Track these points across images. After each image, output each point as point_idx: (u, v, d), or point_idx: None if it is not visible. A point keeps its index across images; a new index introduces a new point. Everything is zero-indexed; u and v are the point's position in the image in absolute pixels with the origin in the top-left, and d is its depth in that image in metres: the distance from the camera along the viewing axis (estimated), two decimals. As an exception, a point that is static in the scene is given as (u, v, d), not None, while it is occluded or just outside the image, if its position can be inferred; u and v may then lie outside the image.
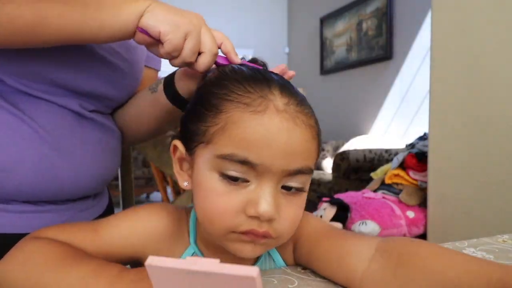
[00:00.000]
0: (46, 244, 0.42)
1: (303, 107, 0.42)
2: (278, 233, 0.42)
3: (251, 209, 0.39)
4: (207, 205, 0.41)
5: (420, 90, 2.89)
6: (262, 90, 0.41)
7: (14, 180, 0.53)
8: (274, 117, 0.39)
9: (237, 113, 0.40)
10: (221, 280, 0.21)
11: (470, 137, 1.46)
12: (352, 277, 0.42)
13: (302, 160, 0.41)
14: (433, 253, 0.38)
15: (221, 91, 0.42)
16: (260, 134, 0.39)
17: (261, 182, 0.40)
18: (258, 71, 0.45)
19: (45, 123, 0.55)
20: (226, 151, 0.39)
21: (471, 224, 1.47)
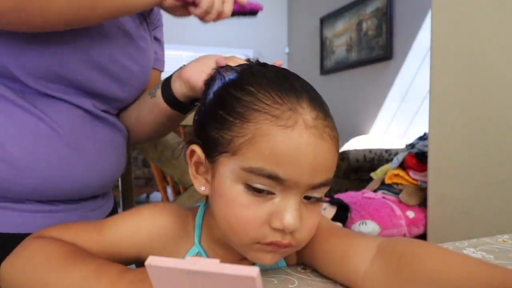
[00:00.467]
0: (49, 243, 0.42)
1: (329, 120, 0.42)
2: (298, 241, 0.42)
3: (276, 221, 0.40)
4: (231, 216, 0.41)
5: (420, 90, 2.89)
6: (291, 102, 0.40)
7: (31, 178, 0.54)
8: (304, 132, 0.39)
9: (266, 125, 0.39)
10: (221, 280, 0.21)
11: (470, 137, 1.46)
12: (354, 277, 0.42)
13: (326, 173, 0.41)
14: (434, 254, 0.38)
15: (247, 98, 0.41)
16: (290, 150, 0.38)
17: (287, 195, 0.40)
18: (283, 76, 0.43)
19: (63, 123, 0.56)
20: (254, 165, 0.39)
21: (471, 224, 1.47)
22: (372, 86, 3.44)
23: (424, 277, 0.36)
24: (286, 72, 0.45)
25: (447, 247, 0.56)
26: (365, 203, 1.94)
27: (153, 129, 0.69)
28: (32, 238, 0.44)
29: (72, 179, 0.58)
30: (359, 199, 1.98)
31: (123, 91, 0.65)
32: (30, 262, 0.40)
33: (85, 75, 0.58)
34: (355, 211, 1.91)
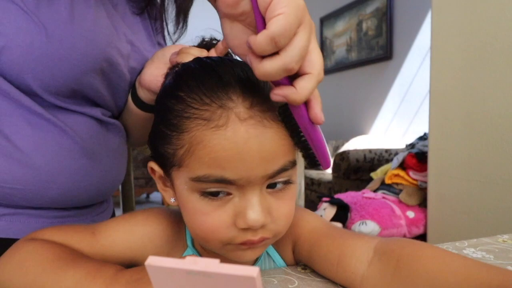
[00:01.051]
0: (42, 245, 0.41)
1: (270, 103, 0.37)
2: (275, 232, 0.41)
3: (241, 221, 0.38)
4: (197, 226, 0.41)
5: (420, 90, 2.89)
6: (220, 98, 0.37)
7: (53, 190, 0.55)
8: (239, 128, 0.36)
9: (199, 131, 0.37)
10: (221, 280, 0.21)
11: (470, 137, 1.46)
12: (352, 279, 0.41)
13: (281, 158, 0.38)
14: (432, 256, 0.37)
15: (178, 106, 0.39)
16: (229, 150, 0.36)
17: (244, 192, 0.38)
18: (212, 70, 0.39)
19: (81, 133, 0.57)
20: (199, 173, 0.37)
21: (471, 224, 1.47)
22: (372, 86, 3.44)
23: (422, 279, 0.36)
24: (218, 63, 0.40)
25: (447, 247, 0.56)
26: (365, 203, 1.94)
27: (138, 133, 0.70)
28: (24, 241, 0.43)
29: (89, 187, 0.59)
30: (359, 199, 1.98)
31: (121, 100, 0.66)
32: (23, 265, 0.40)
33: (96, 90, 0.58)
34: (355, 211, 1.91)
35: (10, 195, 0.53)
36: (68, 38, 0.51)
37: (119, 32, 0.60)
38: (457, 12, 1.50)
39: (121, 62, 0.60)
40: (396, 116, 3.20)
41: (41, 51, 0.50)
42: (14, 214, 0.55)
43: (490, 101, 1.39)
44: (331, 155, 3.51)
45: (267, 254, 0.51)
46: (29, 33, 0.49)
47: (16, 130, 0.52)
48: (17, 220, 0.55)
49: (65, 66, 0.52)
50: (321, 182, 3.03)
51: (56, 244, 0.42)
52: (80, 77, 0.54)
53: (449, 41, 1.54)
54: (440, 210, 1.62)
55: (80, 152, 0.57)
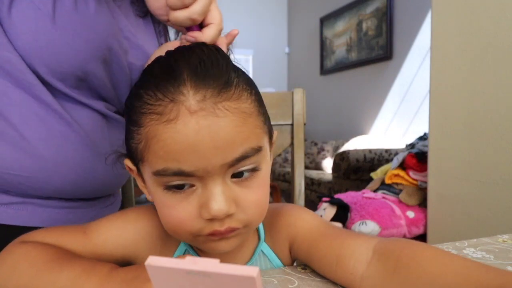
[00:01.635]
0: (35, 247, 0.41)
1: (225, 92, 0.38)
2: (245, 221, 0.41)
3: (205, 212, 0.38)
4: (165, 219, 0.41)
5: (420, 90, 2.89)
6: (172, 92, 0.37)
7: (57, 179, 0.57)
8: (188, 120, 0.36)
9: (153, 126, 0.37)
10: (221, 280, 0.21)
11: (470, 137, 1.46)
12: (351, 280, 0.41)
13: (239, 146, 0.38)
14: (432, 257, 0.37)
15: (137, 103, 0.40)
16: (180, 143, 0.36)
17: (206, 183, 0.38)
18: (167, 63, 0.40)
19: (86, 126, 0.59)
20: (158, 167, 0.38)
21: (471, 224, 1.48)
22: (372, 86, 3.45)
23: (421, 280, 0.36)
24: (175, 58, 0.41)
25: (447, 247, 0.56)
26: (365, 203, 1.94)
27: None
28: (16, 243, 0.43)
29: (93, 179, 0.61)
30: (359, 199, 1.98)
31: (124, 96, 0.67)
32: (16, 268, 0.39)
33: (100, 79, 0.60)
34: (355, 211, 1.91)
35: (18, 183, 0.55)
36: (72, 25, 0.54)
37: (120, 25, 0.62)
38: (457, 12, 1.50)
39: (121, 54, 0.61)
40: (396, 116, 3.20)
41: (46, 37, 0.52)
42: (22, 203, 0.57)
43: (490, 101, 1.39)
44: (331, 155, 3.51)
45: (262, 253, 0.50)
46: (34, 20, 0.51)
47: (24, 121, 0.54)
48: (25, 208, 0.57)
49: (70, 52, 0.54)
50: (321, 182, 3.03)
51: (49, 245, 0.42)
52: (84, 64, 0.56)
53: (449, 41, 1.54)
54: (440, 210, 1.62)
55: (84, 145, 0.59)
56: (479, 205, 1.44)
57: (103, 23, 0.57)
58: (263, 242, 0.50)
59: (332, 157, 3.38)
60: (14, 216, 0.56)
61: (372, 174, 2.36)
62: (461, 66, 1.49)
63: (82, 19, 0.54)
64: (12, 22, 0.51)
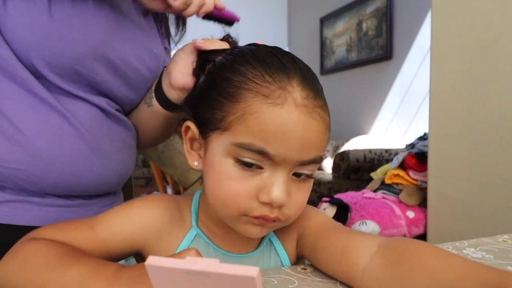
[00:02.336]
0: (44, 245, 0.42)
1: (320, 100, 0.43)
2: (286, 216, 0.44)
3: (264, 195, 0.41)
4: (221, 189, 0.43)
5: (420, 90, 2.89)
6: (282, 81, 0.41)
7: (53, 173, 0.56)
8: (293, 110, 0.40)
9: (256, 103, 0.40)
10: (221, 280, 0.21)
11: (470, 137, 1.46)
12: (353, 272, 0.42)
13: (315, 151, 0.42)
14: (433, 254, 0.38)
15: (237, 77, 0.42)
16: (278, 127, 0.39)
17: (275, 170, 0.41)
18: (274, 54, 0.44)
19: (84, 121, 0.59)
20: (244, 140, 0.40)
21: (471, 224, 1.47)
22: (372, 86, 3.44)
23: (422, 274, 0.37)
24: (277, 51, 0.45)
25: (447, 247, 0.56)
26: (365, 203, 1.94)
27: (154, 134, 0.71)
28: (25, 241, 0.43)
29: (90, 175, 0.60)
30: (359, 199, 1.98)
31: (133, 94, 0.67)
32: (25, 265, 0.40)
33: (101, 76, 0.60)
34: (355, 211, 1.91)
35: (14, 177, 0.55)
36: (69, 19, 0.54)
37: (123, 22, 0.61)
38: (457, 12, 1.50)
39: (127, 50, 0.61)
40: (396, 116, 3.20)
41: (42, 30, 0.52)
42: (19, 202, 0.56)
43: (490, 101, 1.39)
44: (331, 155, 3.51)
45: (269, 242, 0.52)
46: (30, 13, 0.51)
47: (19, 114, 0.54)
48: (21, 207, 0.56)
49: (66, 45, 0.54)
50: (321, 182, 3.03)
51: (57, 243, 0.43)
52: (81, 58, 0.56)
53: (449, 41, 1.54)
54: (440, 210, 1.62)
55: (81, 139, 0.58)
56: (479, 205, 1.44)
57: (102, 19, 0.57)
58: (271, 232, 0.52)
59: (332, 157, 3.38)
60: (9, 215, 0.56)
61: (372, 174, 2.36)
62: (461, 66, 1.49)
63: (79, 13, 0.54)
64: (8, 15, 0.51)
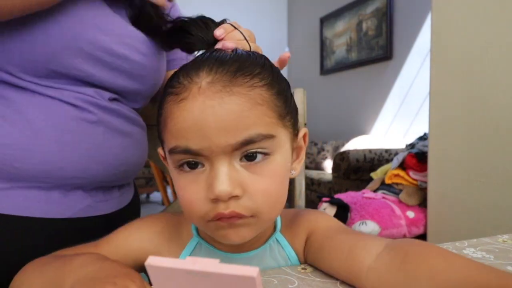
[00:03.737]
0: (54, 254, 0.46)
1: (238, 78, 0.40)
2: (253, 210, 0.40)
3: (209, 192, 0.39)
4: (181, 202, 0.43)
5: (420, 90, 2.89)
6: (191, 76, 0.40)
7: (34, 159, 0.56)
8: (197, 98, 0.39)
9: (169, 107, 0.41)
10: (221, 280, 0.21)
11: (470, 137, 1.46)
12: (358, 269, 0.42)
13: (244, 130, 0.39)
14: (437, 255, 0.39)
15: (166, 86, 0.44)
16: (187, 120, 0.39)
17: (213, 163, 0.40)
18: (207, 54, 0.44)
19: (50, 120, 0.57)
20: (170, 145, 0.41)
21: (471, 224, 1.47)
22: (372, 86, 3.44)
23: (424, 274, 0.37)
24: (205, 53, 0.44)
25: (447, 247, 0.56)
26: (365, 203, 1.94)
27: None
28: (32, 262, 0.46)
29: (73, 163, 0.59)
30: (359, 199, 1.98)
31: (133, 83, 0.65)
32: (40, 269, 0.43)
33: (84, 70, 0.58)
34: (355, 211, 1.91)
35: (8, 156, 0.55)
36: (32, 22, 0.54)
37: (95, 13, 0.60)
38: (457, 12, 1.50)
39: (107, 40, 0.59)
40: (396, 117, 3.20)
41: (11, 38, 0.53)
42: (9, 189, 0.56)
43: (490, 101, 1.39)
44: (331, 155, 3.51)
45: (276, 241, 0.51)
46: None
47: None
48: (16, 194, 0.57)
49: (34, 48, 0.54)
50: (321, 182, 3.03)
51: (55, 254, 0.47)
52: (54, 58, 0.55)
53: (449, 41, 1.54)
54: (440, 210, 1.62)
55: (47, 132, 0.57)
56: (479, 205, 1.44)
57: (65, 18, 0.56)
58: (278, 232, 0.51)
59: (332, 157, 3.38)
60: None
61: (372, 174, 2.36)
62: (461, 66, 1.49)
63: (41, 16, 0.54)
64: None
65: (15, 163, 0.55)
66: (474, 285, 0.34)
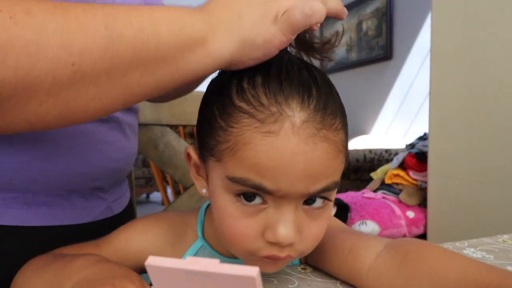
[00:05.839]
0: (52, 252, 0.46)
1: (327, 118, 0.36)
2: (300, 252, 0.40)
3: (270, 235, 0.37)
4: (224, 227, 0.39)
5: (420, 90, 2.89)
6: (279, 103, 0.35)
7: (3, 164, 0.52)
8: (290, 139, 0.34)
9: (249, 133, 0.35)
10: (221, 280, 0.21)
11: (470, 137, 1.46)
12: (359, 268, 0.42)
13: (325, 179, 0.37)
14: (438, 254, 0.39)
15: (236, 96, 0.37)
16: (274, 160, 0.34)
17: (280, 205, 0.36)
18: (283, 68, 0.37)
19: None
20: (238, 175, 0.36)
21: (471, 224, 1.47)
22: (372, 86, 3.44)
23: (425, 274, 0.37)
24: (292, 64, 0.39)
25: (447, 247, 0.56)
26: (365, 203, 1.94)
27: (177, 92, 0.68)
28: (33, 259, 0.45)
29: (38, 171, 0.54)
30: (359, 199, 1.98)
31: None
32: (29, 269, 0.43)
33: None
34: (355, 211, 1.91)
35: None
36: None
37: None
38: (457, 12, 1.50)
39: None
40: (396, 116, 3.20)
41: None
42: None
43: (490, 101, 1.39)
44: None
45: None
46: None
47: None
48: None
49: None
50: (321, 182, 3.03)
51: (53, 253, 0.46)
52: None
53: (449, 41, 1.54)
54: (440, 210, 1.62)
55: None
56: (479, 205, 1.44)
57: None
58: None
59: (332, 157, 3.37)
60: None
61: (372, 174, 2.36)
62: (461, 66, 1.49)
63: None
64: None
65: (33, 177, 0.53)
66: (474, 284, 0.34)
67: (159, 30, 0.34)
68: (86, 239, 0.50)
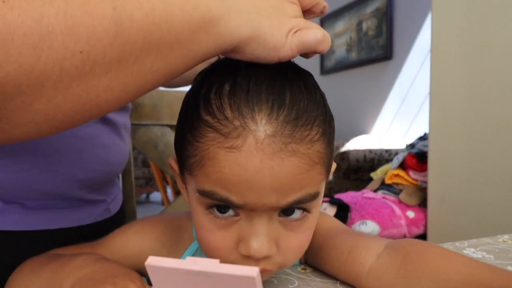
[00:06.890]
0: (47, 254, 0.45)
1: (299, 130, 0.34)
2: (280, 265, 0.38)
3: (243, 248, 0.36)
4: (201, 240, 0.39)
5: (421, 90, 2.89)
6: (242, 115, 0.33)
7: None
8: (254, 155, 0.32)
9: (212, 148, 0.34)
10: (221, 280, 0.21)
11: (470, 137, 1.46)
12: (359, 270, 0.42)
13: (298, 192, 0.35)
14: (439, 254, 0.38)
15: (202, 108, 0.35)
16: (239, 175, 0.33)
17: (252, 217, 0.35)
18: (256, 76, 0.35)
19: None
20: (206, 188, 0.35)
21: (471, 224, 1.47)
22: (372, 86, 3.44)
23: (426, 275, 0.37)
24: (268, 71, 0.36)
25: (447, 247, 0.56)
26: (365, 203, 1.94)
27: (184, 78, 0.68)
28: (27, 260, 0.45)
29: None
30: (359, 199, 1.98)
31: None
32: (25, 269, 0.43)
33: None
34: (355, 211, 1.91)
35: None
36: None
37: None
38: (457, 12, 1.50)
39: None
40: (396, 117, 3.20)
41: None
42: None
43: (490, 101, 1.39)
44: (331, 155, 3.50)
45: None
46: None
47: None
48: None
49: None
50: (321, 182, 3.03)
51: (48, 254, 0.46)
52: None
53: (449, 41, 1.54)
54: (440, 210, 1.62)
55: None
56: (479, 205, 1.44)
57: None
58: None
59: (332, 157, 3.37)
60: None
61: (372, 174, 2.36)
62: (461, 66, 1.49)
63: None
64: None
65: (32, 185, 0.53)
66: (475, 284, 0.34)
67: (172, 10, 0.30)
68: (86, 241, 0.50)
